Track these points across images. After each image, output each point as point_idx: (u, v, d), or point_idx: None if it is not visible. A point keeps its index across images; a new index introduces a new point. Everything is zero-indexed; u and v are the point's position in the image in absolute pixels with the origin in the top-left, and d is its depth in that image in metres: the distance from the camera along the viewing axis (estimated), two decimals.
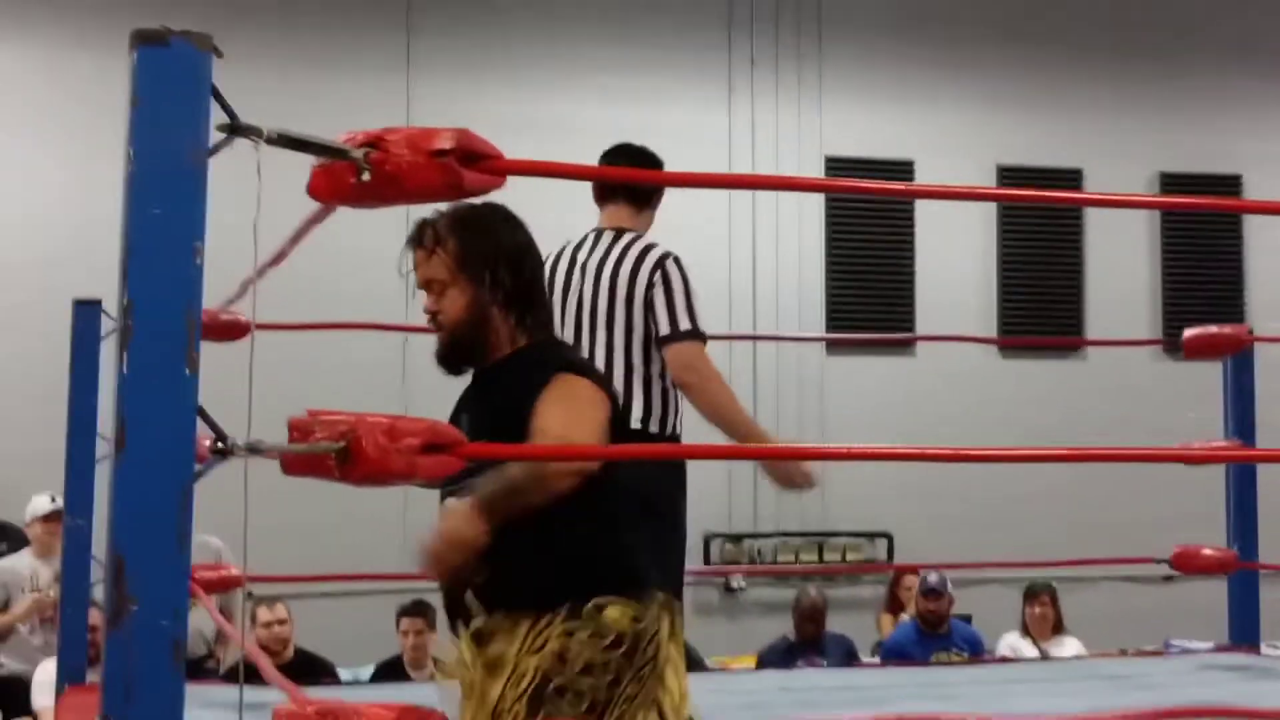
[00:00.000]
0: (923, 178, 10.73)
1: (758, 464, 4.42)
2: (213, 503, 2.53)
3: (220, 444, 2.32)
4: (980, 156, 10.79)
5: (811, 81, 10.65)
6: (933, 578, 8.53)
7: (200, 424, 2.24)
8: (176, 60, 2.24)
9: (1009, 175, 10.88)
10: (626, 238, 4.39)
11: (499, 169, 2.62)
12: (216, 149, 2.32)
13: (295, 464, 2.71)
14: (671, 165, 9.16)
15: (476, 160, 2.59)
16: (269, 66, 9.04)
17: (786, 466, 4.38)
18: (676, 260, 4.30)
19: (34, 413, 7.71)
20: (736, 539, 10.06)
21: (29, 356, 8.74)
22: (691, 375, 4.21)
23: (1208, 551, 6.67)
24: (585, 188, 4.47)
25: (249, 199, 2.30)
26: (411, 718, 2.58)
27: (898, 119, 10.73)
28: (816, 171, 10.57)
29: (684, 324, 4.19)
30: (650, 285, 4.23)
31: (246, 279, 4.47)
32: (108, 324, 5.81)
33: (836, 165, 10.59)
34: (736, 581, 10.15)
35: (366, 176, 2.53)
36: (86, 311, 5.86)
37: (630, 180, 4.51)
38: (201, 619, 6.55)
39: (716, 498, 9.63)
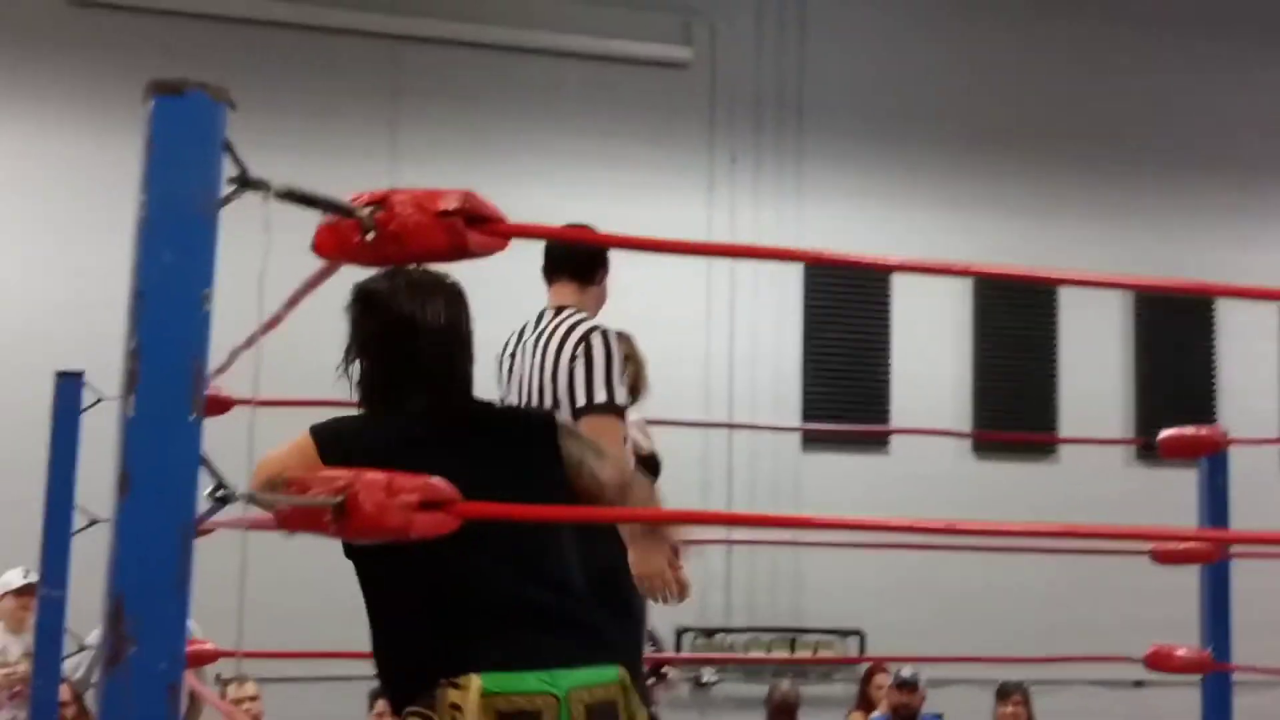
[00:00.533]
0: (899, 282, 10.83)
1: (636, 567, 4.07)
2: None
3: (220, 491, 2.33)
4: (957, 259, 10.87)
5: (791, 181, 10.76)
6: (906, 671, 8.57)
7: None
8: (191, 110, 2.27)
9: (985, 284, 10.97)
10: (565, 314, 4.41)
11: (504, 231, 2.65)
12: (227, 200, 2.35)
13: (292, 519, 2.72)
14: (651, 259, 9.25)
15: (482, 222, 2.62)
16: (250, 153, 9.07)
17: (657, 565, 4.06)
18: (604, 333, 4.29)
19: (4, 488, 7.68)
20: (709, 633, 10.03)
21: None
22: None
23: (1181, 652, 6.66)
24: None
25: (236, 266, 2.33)
26: None
27: (876, 220, 10.82)
28: (795, 271, 10.65)
29: (599, 396, 4.18)
30: (573, 358, 4.23)
31: (235, 348, 4.50)
32: (88, 397, 5.82)
33: (815, 268, 10.67)
34: (708, 675, 10.11)
35: (371, 236, 2.57)
36: (68, 383, 5.86)
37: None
38: None
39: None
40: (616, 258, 10.68)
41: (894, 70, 11.19)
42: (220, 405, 5.04)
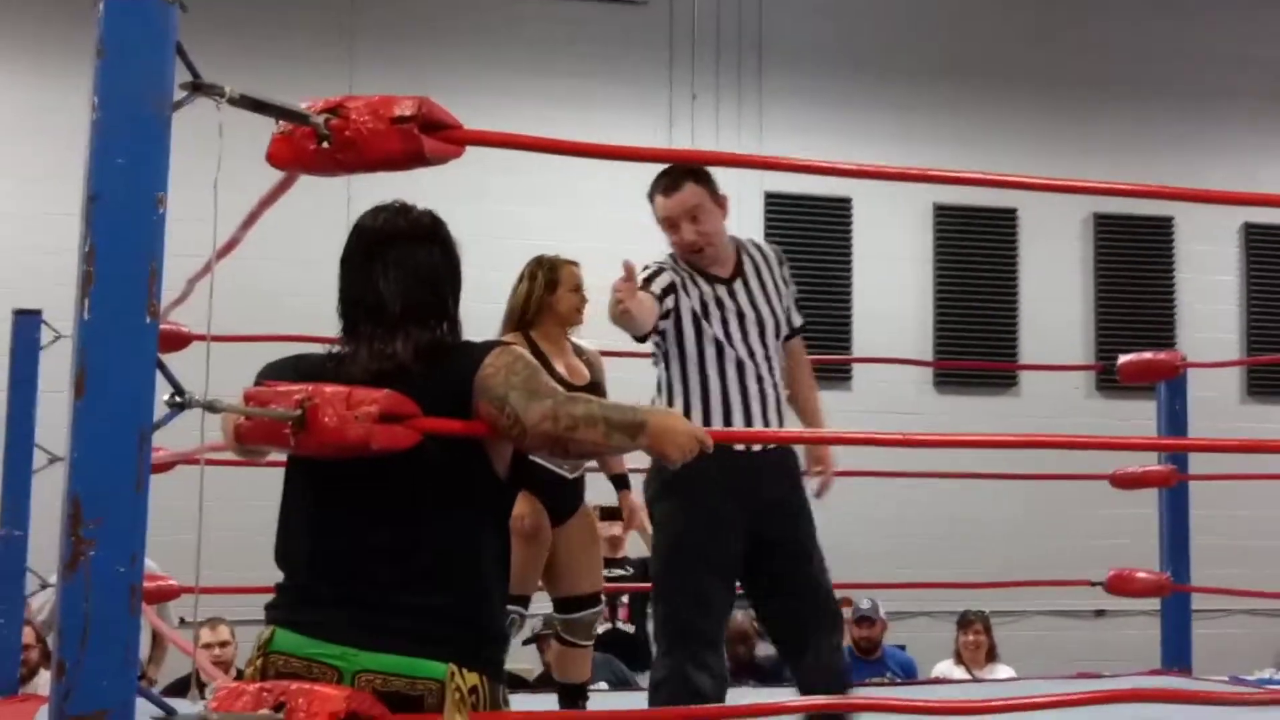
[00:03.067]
0: (860, 215, 10.83)
1: None
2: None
3: (178, 398, 2.32)
4: (917, 195, 10.91)
5: (752, 117, 10.74)
6: (864, 605, 8.64)
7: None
8: (142, 11, 2.25)
9: (944, 214, 11.01)
10: None
11: (459, 138, 2.64)
12: (180, 104, 2.34)
13: (251, 432, 2.72)
14: (613, 194, 9.23)
15: (437, 129, 2.61)
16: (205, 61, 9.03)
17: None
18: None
19: None
20: None
21: None
22: None
23: (1141, 575, 6.75)
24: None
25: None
26: (361, 702, 2.58)
27: (836, 156, 10.80)
28: (756, 206, 10.64)
29: None
30: None
31: (192, 276, 4.48)
32: (46, 335, 5.79)
33: (775, 200, 10.68)
34: None
35: (327, 143, 2.55)
36: (26, 321, 5.84)
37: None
38: None
39: None
40: (576, 196, 10.69)
41: (854, 6, 11.17)
42: (177, 341, 5.03)
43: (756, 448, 4.27)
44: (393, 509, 2.72)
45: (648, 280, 4.25)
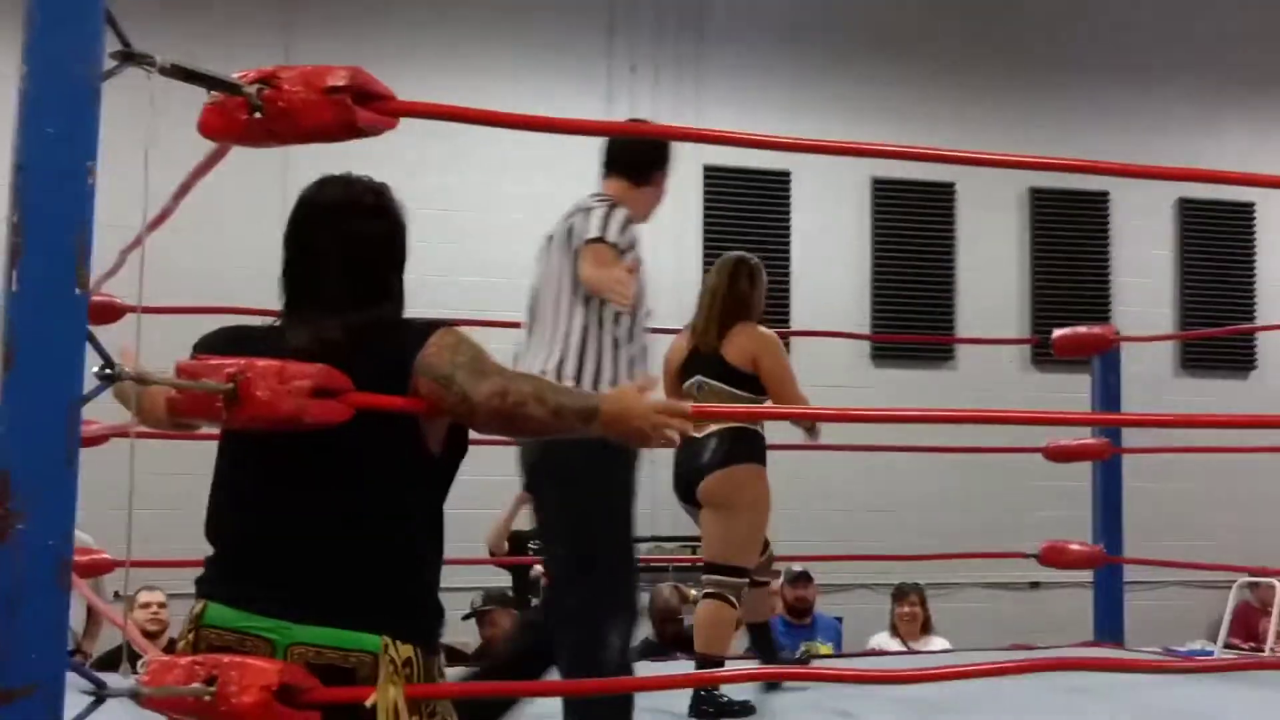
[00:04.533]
0: (799, 189, 10.86)
1: None
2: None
3: (108, 370, 2.30)
4: (855, 169, 10.95)
5: (690, 90, 10.73)
6: (798, 566, 8.71)
7: None
8: None
9: (883, 188, 11.05)
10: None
11: (393, 109, 2.63)
12: (110, 73, 2.31)
13: (182, 405, 2.69)
14: (549, 168, 9.22)
15: (370, 99, 2.59)
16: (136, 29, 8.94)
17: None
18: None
19: None
20: None
21: None
22: None
23: (1075, 547, 6.81)
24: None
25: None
26: (294, 675, 2.57)
27: (775, 130, 10.79)
28: (695, 180, 10.65)
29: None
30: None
31: (125, 248, 4.44)
32: None
33: (714, 174, 10.69)
34: None
35: (259, 114, 2.53)
36: None
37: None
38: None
39: None
40: (520, 171, 10.62)
41: None
42: (110, 313, 4.99)
43: None
44: (325, 483, 2.72)
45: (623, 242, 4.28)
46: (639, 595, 4.16)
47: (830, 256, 10.96)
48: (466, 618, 8.21)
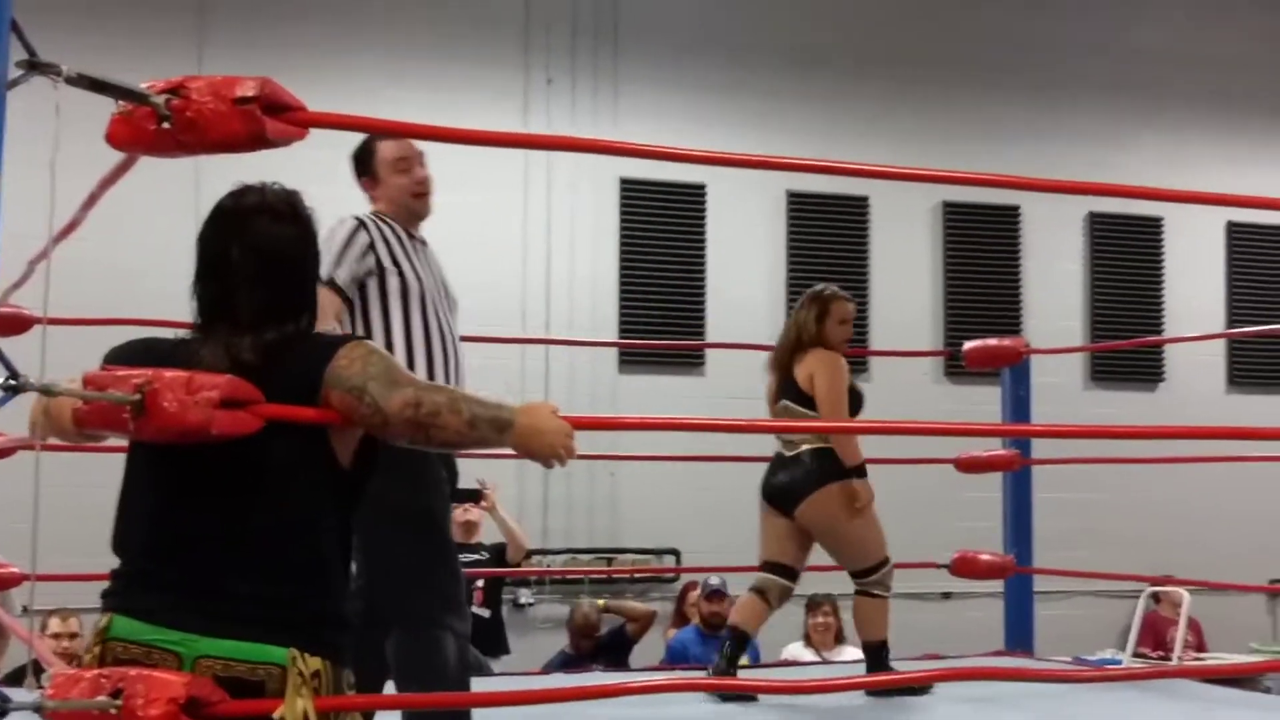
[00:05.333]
0: (714, 202, 10.89)
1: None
2: None
3: (13, 380, 2.29)
4: (770, 182, 10.99)
5: (607, 103, 10.75)
6: (714, 580, 8.73)
7: None
8: None
9: (798, 201, 11.11)
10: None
11: (302, 120, 2.63)
12: (15, 82, 2.30)
13: (90, 416, 2.67)
14: (467, 179, 9.20)
15: (280, 110, 2.59)
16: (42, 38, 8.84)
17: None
18: (343, 220, 4.35)
19: None
20: (525, 555, 10.05)
21: None
22: None
23: (985, 557, 6.89)
24: None
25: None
26: (201, 688, 2.56)
27: (691, 143, 10.84)
28: (611, 192, 10.67)
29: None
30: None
31: (33, 258, 4.39)
32: None
33: (630, 186, 10.70)
34: (525, 596, 10.16)
35: (168, 124, 2.52)
36: None
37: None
38: None
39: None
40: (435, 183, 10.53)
41: None
42: (18, 324, 4.93)
43: None
44: (232, 496, 2.71)
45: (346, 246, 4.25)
46: (464, 594, 4.14)
47: (745, 269, 11.00)
48: None
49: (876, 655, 5.97)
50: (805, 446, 6.03)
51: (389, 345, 4.20)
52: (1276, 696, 7.07)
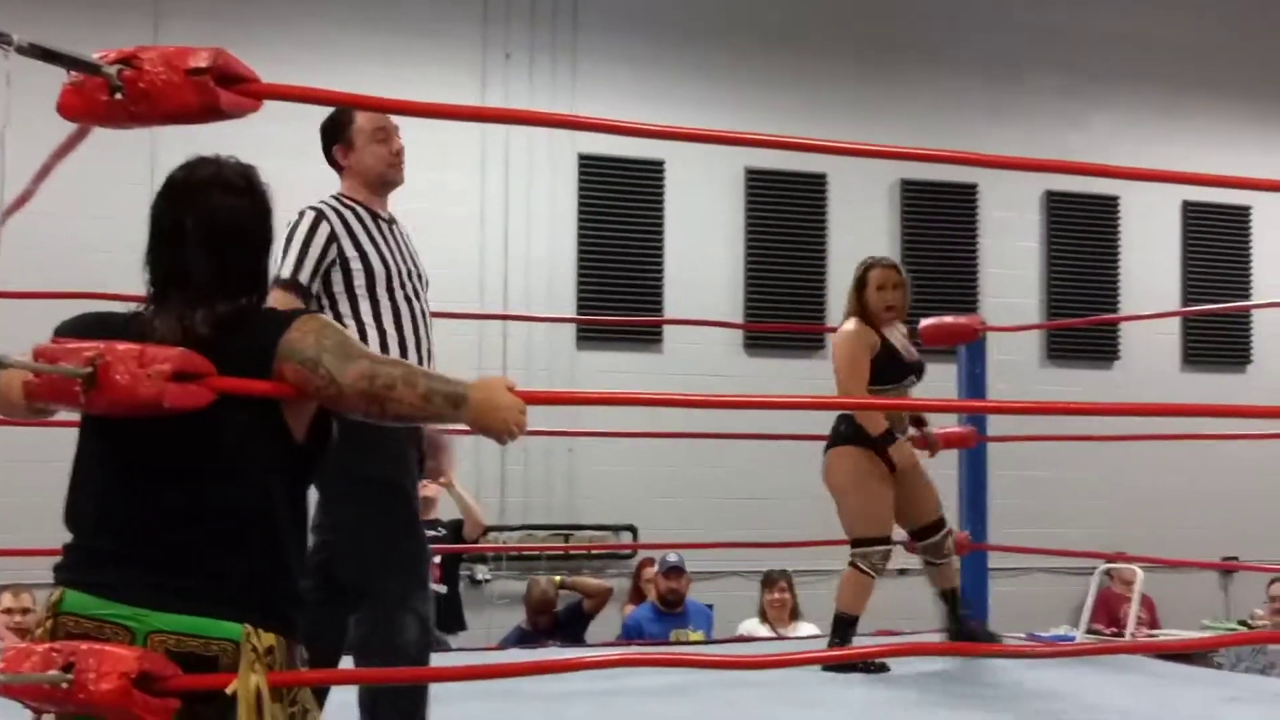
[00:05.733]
0: (673, 178, 10.88)
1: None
2: None
3: None
4: (729, 159, 10.98)
5: (566, 79, 10.71)
6: (672, 557, 8.75)
7: None
8: None
9: (756, 178, 11.11)
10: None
11: (256, 91, 2.60)
12: None
13: (40, 390, 2.65)
14: (424, 154, 9.16)
15: (234, 81, 2.56)
16: None
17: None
18: (302, 212, 4.30)
19: None
20: (483, 531, 10.04)
21: None
22: None
23: None
24: None
25: None
26: (153, 663, 2.54)
27: (650, 119, 10.80)
28: (569, 168, 10.65)
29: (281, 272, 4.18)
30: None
31: None
32: None
33: (589, 162, 10.69)
34: (482, 573, 10.15)
35: (120, 95, 2.50)
36: None
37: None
38: None
39: None
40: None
41: None
42: None
43: None
44: (185, 470, 2.69)
45: (306, 242, 4.20)
46: (429, 574, 4.13)
47: (704, 245, 11.00)
48: None
49: (840, 628, 6.04)
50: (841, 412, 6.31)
51: (361, 333, 4.16)
52: (1228, 672, 7.13)
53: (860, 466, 6.14)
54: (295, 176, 3.91)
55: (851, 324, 6.20)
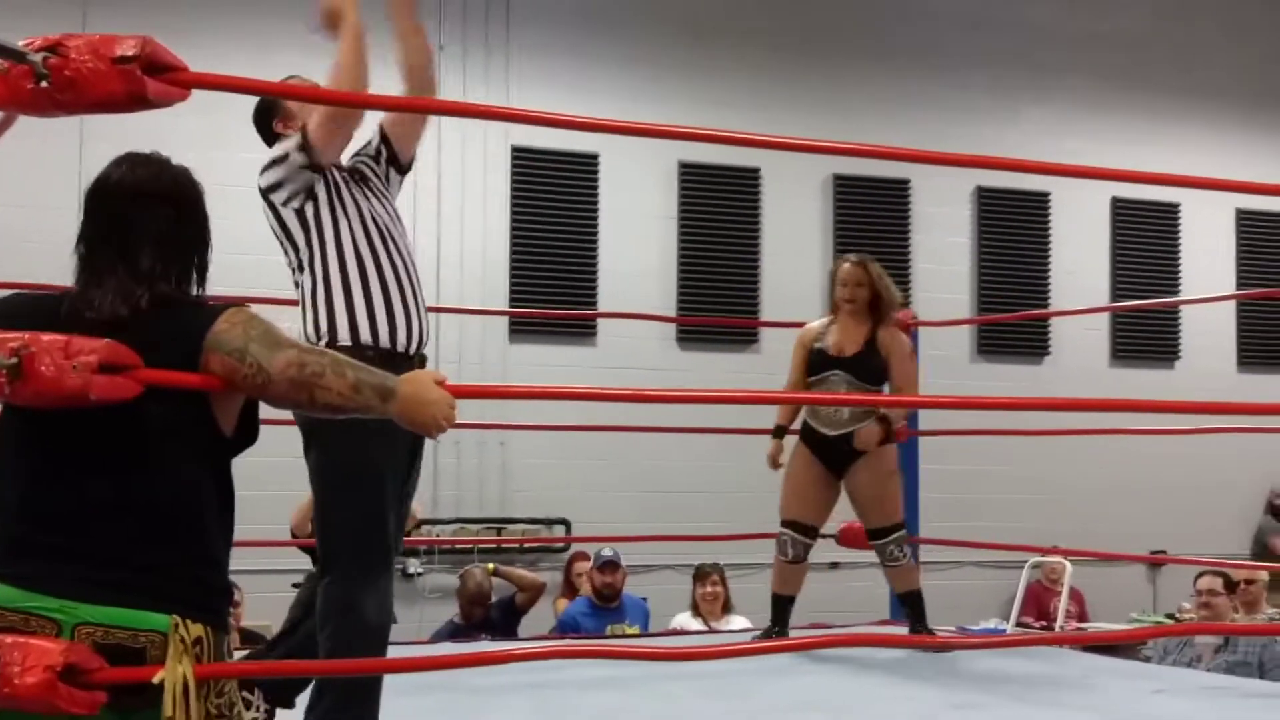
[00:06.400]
0: (607, 171, 10.87)
1: None
2: None
3: None
4: (663, 153, 10.99)
5: (499, 71, 10.69)
6: (607, 551, 8.75)
7: None
8: None
9: (690, 172, 11.11)
10: None
11: (184, 80, 2.58)
12: None
13: None
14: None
15: (161, 70, 2.54)
16: None
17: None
18: None
19: None
20: (415, 525, 10.00)
21: None
22: None
23: None
24: None
25: None
26: (79, 655, 2.52)
27: (584, 112, 10.78)
28: (503, 160, 10.63)
29: None
30: None
31: None
32: None
33: (522, 154, 10.66)
34: (414, 566, 10.12)
35: (46, 83, 2.47)
36: None
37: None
38: None
39: None
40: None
41: None
42: None
43: None
44: (111, 461, 2.67)
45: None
46: (392, 563, 4.11)
47: (637, 239, 11.00)
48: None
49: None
50: None
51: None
52: (1156, 665, 7.19)
53: (792, 456, 6.57)
54: (211, 165, 3.88)
55: (804, 325, 6.73)
